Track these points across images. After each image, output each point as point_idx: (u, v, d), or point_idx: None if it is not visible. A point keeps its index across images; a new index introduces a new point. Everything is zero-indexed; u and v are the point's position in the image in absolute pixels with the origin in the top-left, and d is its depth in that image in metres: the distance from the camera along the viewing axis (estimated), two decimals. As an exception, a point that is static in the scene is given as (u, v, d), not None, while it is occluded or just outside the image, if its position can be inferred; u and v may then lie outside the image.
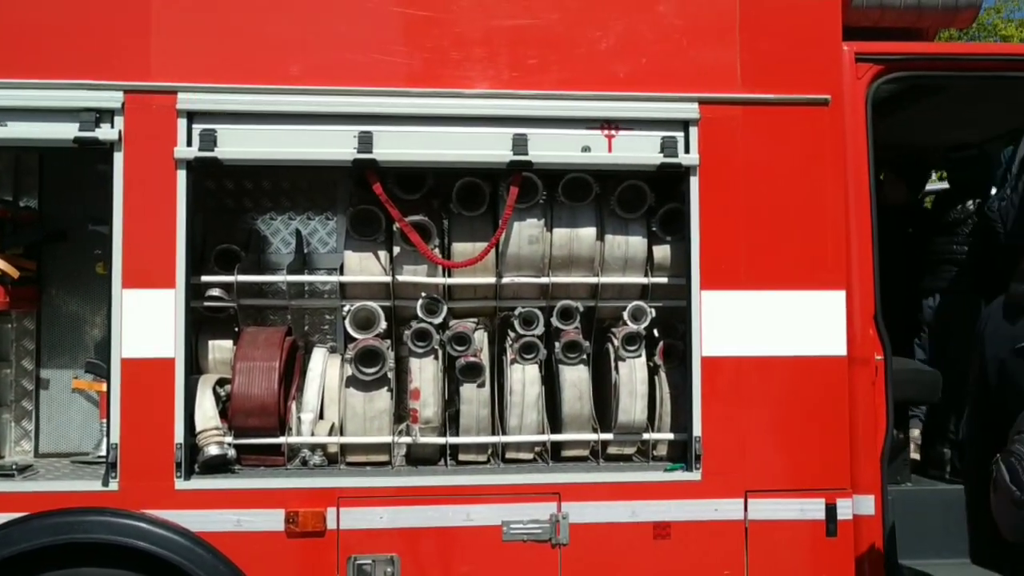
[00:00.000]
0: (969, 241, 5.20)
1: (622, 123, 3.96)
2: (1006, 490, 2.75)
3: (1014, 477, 2.72)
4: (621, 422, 4.06)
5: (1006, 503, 2.76)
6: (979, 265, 5.11)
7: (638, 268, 4.18)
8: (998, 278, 4.79)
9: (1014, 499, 2.72)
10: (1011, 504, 2.75)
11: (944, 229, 5.34)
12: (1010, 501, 2.75)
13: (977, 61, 4.42)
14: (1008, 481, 2.74)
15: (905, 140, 5.89)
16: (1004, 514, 2.81)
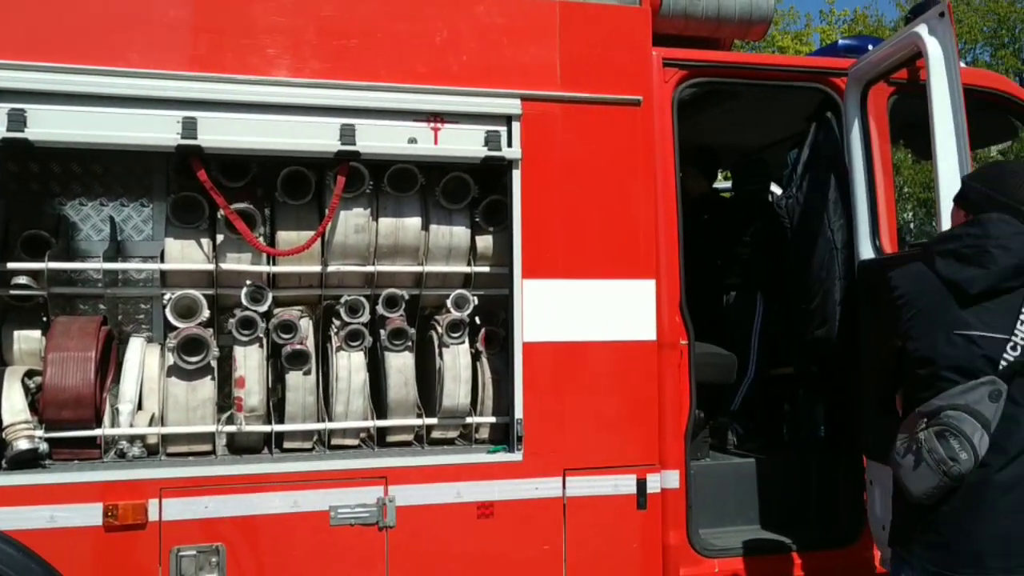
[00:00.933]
0: (753, 243, 5.59)
1: (448, 116, 4.08)
2: (938, 459, 2.85)
3: (949, 451, 2.83)
4: (445, 407, 4.18)
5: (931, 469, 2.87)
6: (763, 265, 5.54)
7: (461, 257, 4.31)
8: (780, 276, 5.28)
9: (948, 470, 2.84)
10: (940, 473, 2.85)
11: (734, 231, 5.74)
12: (942, 471, 2.84)
13: (765, 70, 4.83)
14: (942, 452, 2.84)
15: (706, 139, 6.32)
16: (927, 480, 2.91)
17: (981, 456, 2.81)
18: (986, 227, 2.99)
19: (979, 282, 2.94)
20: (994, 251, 2.92)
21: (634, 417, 4.28)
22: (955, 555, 2.89)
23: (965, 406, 2.84)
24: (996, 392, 2.83)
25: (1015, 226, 2.97)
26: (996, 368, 2.87)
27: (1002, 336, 2.88)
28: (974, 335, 2.92)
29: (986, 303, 2.93)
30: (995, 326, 2.90)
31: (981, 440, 2.80)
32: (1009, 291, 2.91)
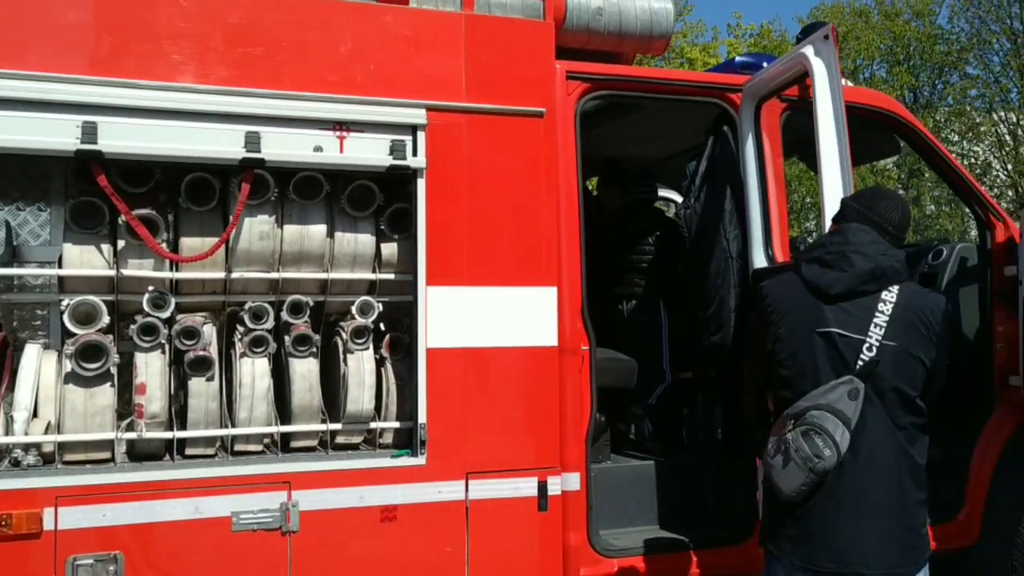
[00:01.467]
0: (653, 250, 5.74)
1: (353, 125, 4.12)
2: (804, 457, 3.00)
3: (814, 448, 3.00)
4: (349, 412, 4.22)
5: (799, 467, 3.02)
6: (662, 271, 5.71)
7: (367, 264, 4.36)
8: (679, 282, 5.46)
9: (813, 467, 2.99)
10: (806, 470, 3.01)
11: (630, 240, 5.86)
12: (808, 468, 3.00)
13: (664, 85, 5.00)
14: (807, 450, 3.00)
15: (615, 150, 6.48)
16: (795, 477, 3.06)
17: (843, 452, 3.00)
18: (846, 235, 3.24)
19: (838, 284, 3.16)
20: (852, 256, 3.16)
21: (535, 421, 4.38)
22: (819, 550, 3.08)
23: (827, 405, 3.04)
24: (854, 391, 3.04)
25: (872, 235, 3.21)
26: (854, 368, 3.07)
27: (859, 337, 3.10)
28: (834, 333, 3.13)
29: (845, 304, 3.15)
30: (853, 327, 3.12)
31: (843, 437, 3.00)
32: (865, 294, 3.14)
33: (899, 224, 3.32)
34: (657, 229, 5.81)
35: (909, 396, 3.09)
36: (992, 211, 5.54)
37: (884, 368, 3.07)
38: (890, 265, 3.16)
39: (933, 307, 3.17)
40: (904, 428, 3.08)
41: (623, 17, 4.96)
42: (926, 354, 3.10)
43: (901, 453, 3.07)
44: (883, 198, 3.40)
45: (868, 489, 3.05)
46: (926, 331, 3.12)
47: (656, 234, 5.80)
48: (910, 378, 3.09)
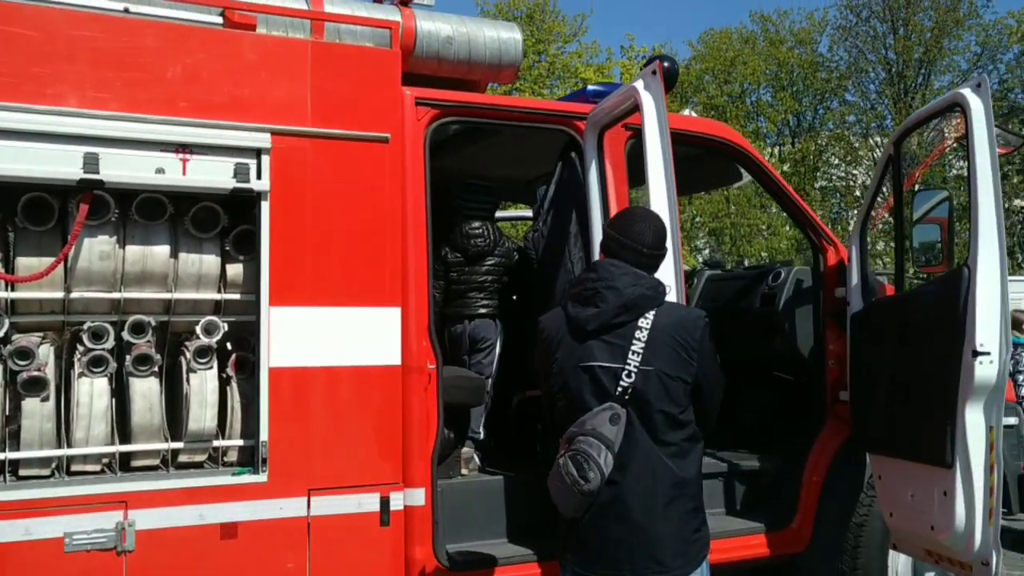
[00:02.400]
0: (496, 270, 5.77)
1: (197, 148, 4.18)
2: (572, 480, 3.26)
3: (581, 470, 3.25)
4: (191, 430, 4.26)
5: (571, 491, 3.29)
6: (504, 291, 5.85)
7: (211, 285, 4.41)
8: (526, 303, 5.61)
9: (580, 489, 3.26)
10: (576, 493, 3.28)
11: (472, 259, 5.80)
12: (576, 491, 3.27)
13: (513, 112, 5.19)
14: (575, 474, 3.26)
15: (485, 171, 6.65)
16: (569, 497, 3.33)
17: (607, 474, 3.25)
18: (598, 271, 3.50)
19: (593, 320, 3.41)
20: (604, 292, 3.41)
21: (379, 438, 4.49)
22: (593, 555, 3.38)
23: (592, 431, 3.29)
24: (615, 416, 3.30)
25: (623, 268, 3.45)
26: (614, 395, 3.33)
27: (618, 366, 3.35)
28: (595, 366, 3.39)
29: (605, 337, 3.39)
30: (613, 357, 3.37)
31: (606, 459, 3.25)
32: (621, 325, 3.38)
33: (653, 244, 3.55)
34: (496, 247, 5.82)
35: (672, 414, 3.36)
36: (824, 236, 5.90)
37: (644, 392, 3.33)
38: (640, 295, 3.40)
39: (689, 325, 3.42)
40: (670, 445, 3.36)
41: (472, 46, 5.15)
42: (686, 372, 3.36)
43: (663, 469, 3.34)
44: (636, 221, 3.61)
45: (634, 504, 3.33)
46: (683, 350, 3.37)
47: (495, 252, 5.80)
48: (672, 398, 3.36)
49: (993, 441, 4.55)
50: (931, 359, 4.76)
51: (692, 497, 3.44)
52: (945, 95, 5.00)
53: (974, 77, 4.74)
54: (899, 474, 5.10)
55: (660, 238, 3.60)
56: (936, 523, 4.75)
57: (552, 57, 32.22)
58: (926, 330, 4.88)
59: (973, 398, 4.53)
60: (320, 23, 4.71)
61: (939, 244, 5.53)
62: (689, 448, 3.43)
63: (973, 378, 4.49)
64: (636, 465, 3.32)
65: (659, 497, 3.35)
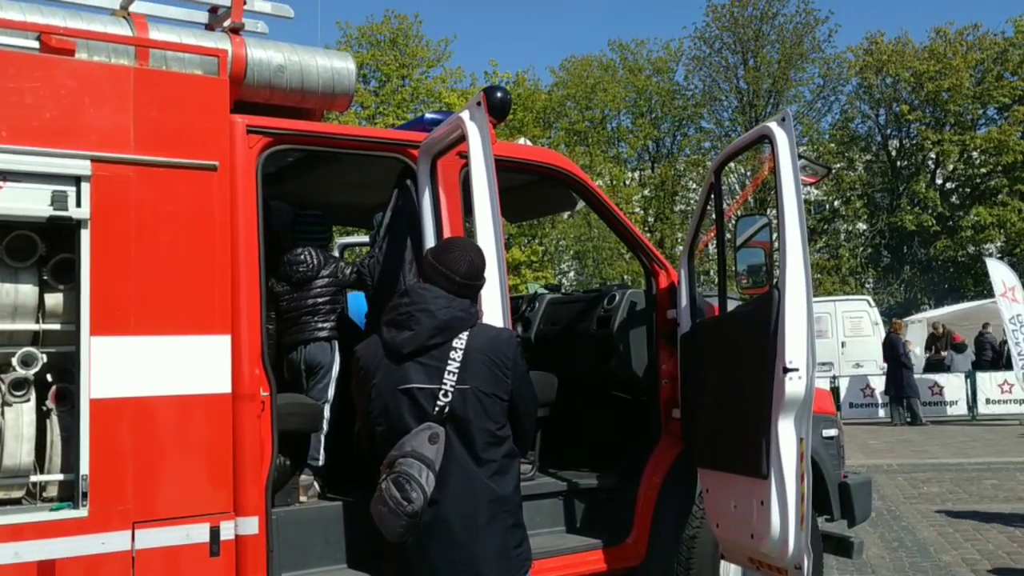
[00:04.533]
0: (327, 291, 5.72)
1: (10, 175, 4.06)
2: (396, 503, 3.30)
3: (403, 492, 3.30)
4: (6, 466, 4.11)
5: (394, 513, 3.33)
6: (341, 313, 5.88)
7: (29, 315, 4.28)
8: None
9: (402, 511, 3.30)
10: (401, 515, 3.31)
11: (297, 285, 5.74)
12: (400, 512, 3.31)
13: (347, 140, 5.25)
14: (399, 496, 3.30)
15: (319, 199, 6.66)
16: (393, 521, 3.36)
17: (430, 493, 3.33)
18: (411, 295, 3.60)
19: (409, 343, 3.50)
20: (418, 315, 3.51)
21: (208, 467, 4.43)
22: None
23: (412, 451, 3.37)
24: (434, 435, 3.38)
25: (436, 291, 3.56)
26: (432, 415, 3.42)
27: (435, 386, 3.44)
28: (412, 388, 3.47)
29: (421, 359, 3.49)
30: (429, 378, 3.45)
31: (428, 479, 3.33)
32: (436, 347, 3.48)
33: (467, 274, 3.65)
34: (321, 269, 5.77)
35: (491, 431, 3.45)
36: (655, 260, 6.15)
37: (461, 410, 3.42)
38: (454, 316, 3.51)
39: (502, 345, 3.54)
40: (488, 462, 3.45)
41: (305, 75, 5.19)
42: (501, 389, 3.47)
43: (483, 487, 3.43)
44: (452, 250, 3.74)
45: (454, 522, 3.41)
46: (498, 368, 3.48)
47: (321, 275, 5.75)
48: (489, 415, 3.45)
49: (803, 452, 4.83)
50: (748, 376, 5.03)
51: (511, 513, 3.52)
52: (755, 128, 5.31)
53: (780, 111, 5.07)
54: (723, 486, 5.35)
55: (476, 269, 3.70)
56: (755, 531, 5.01)
57: (416, 82, 32.40)
58: (743, 348, 5.16)
59: (784, 412, 4.81)
60: (145, 50, 4.67)
61: (764, 267, 5.85)
62: (508, 465, 3.52)
63: (784, 393, 4.78)
64: (455, 483, 3.39)
65: (479, 514, 3.42)
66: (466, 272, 3.64)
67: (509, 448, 3.52)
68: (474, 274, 3.69)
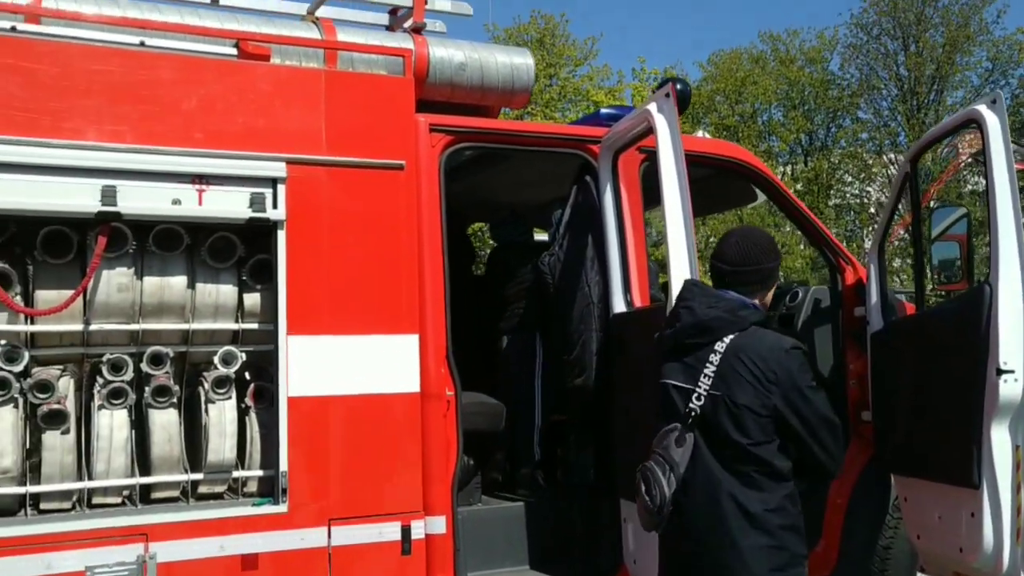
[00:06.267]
0: (528, 288, 5.81)
1: (212, 179, 4.20)
2: (642, 497, 3.34)
3: (647, 488, 3.31)
4: (211, 462, 4.25)
5: (643, 506, 3.36)
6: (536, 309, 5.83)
7: (229, 315, 4.40)
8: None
9: (646, 506, 3.32)
10: (643, 510, 3.35)
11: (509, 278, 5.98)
12: (645, 507, 3.33)
13: (527, 137, 5.20)
14: (643, 491, 3.33)
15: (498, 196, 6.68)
16: (641, 512, 3.41)
17: (669, 493, 3.25)
18: (684, 290, 3.51)
19: (669, 339, 3.43)
20: (681, 311, 3.42)
21: (398, 466, 4.47)
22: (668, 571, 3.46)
23: (660, 451, 3.30)
24: (682, 438, 3.27)
25: (704, 289, 3.46)
26: (683, 415, 3.31)
27: (689, 387, 3.31)
28: (669, 384, 3.38)
29: (684, 357, 3.38)
30: (686, 378, 3.34)
31: (670, 480, 3.25)
32: (697, 347, 3.34)
33: (735, 260, 3.47)
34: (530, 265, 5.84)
35: (739, 443, 3.24)
36: (841, 255, 5.86)
37: (712, 417, 3.27)
38: (716, 316, 3.35)
39: (765, 353, 3.27)
40: (739, 474, 3.25)
41: (485, 72, 5.17)
42: (755, 401, 3.23)
43: (728, 498, 3.24)
44: (725, 239, 3.59)
45: (698, 526, 3.30)
46: (759, 380, 3.23)
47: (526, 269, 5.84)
48: (738, 426, 3.24)
49: (1019, 460, 4.48)
50: (954, 378, 4.70)
51: (765, 533, 3.25)
52: (960, 111, 4.97)
53: (988, 93, 4.75)
54: (925, 495, 5.02)
55: (745, 254, 3.48)
56: (964, 545, 4.67)
57: (563, 81, 32.37)
58: (948, 349, 4.82)
59: (998, 417, 4.46)
60: (333, 52, 4.74)
61: (958, 261, 5.49)
62: (764, 482, 3.27)
63: (998, 397, 4.42)
64: (699, 489, 3.28)
65: (727, 525, 3.25)
66: (733, 258, 3.46)
67: (770, 466, 3.26)
68: (743, 259, 3.46)
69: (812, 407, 3.30)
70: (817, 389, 3.37)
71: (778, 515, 3.27)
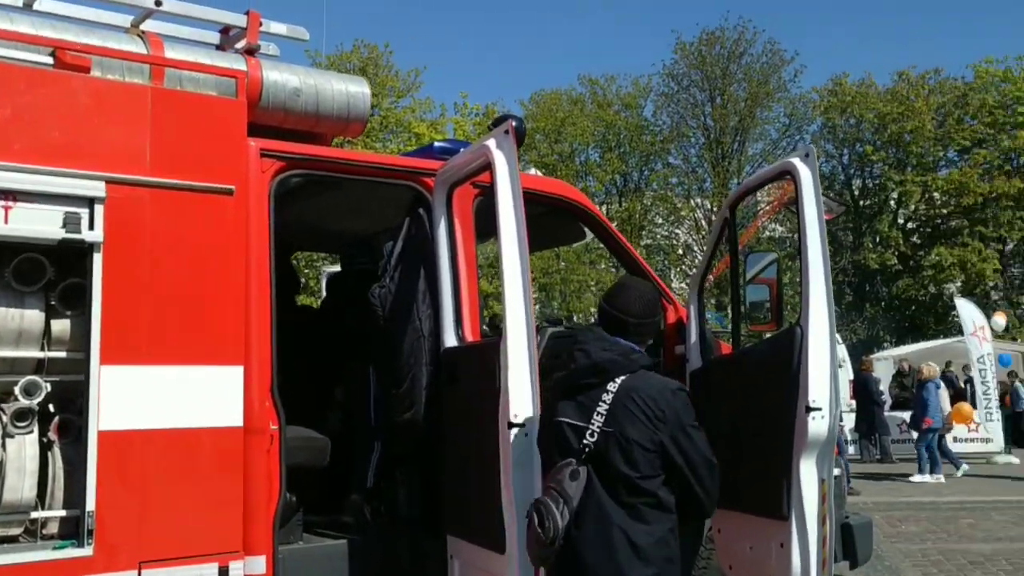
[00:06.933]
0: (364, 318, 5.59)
1: (20, 195, 3.89)
2: (534, 530, 3.47)
3: (541, 521, 3.44)
4: (6, 501, 3.89)
5: (534, 539, 3.49)
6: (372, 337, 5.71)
7: (33, 342, 4.08)
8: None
9: (538, 539, 3.45)
10: (538, 542, 3.46)
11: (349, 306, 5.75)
12: (537, 540, 3.46)
13: (360, 166, 5.12)
14: (536, 524, 3.46)
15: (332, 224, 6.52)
16: (531, 545, 3.54)
17: (562, 526, 3.41)
18: (577, 336, 3.83)
19: (565, 380, 3.68)
20: (576, 354, 3.67)
21: (217, 504, 4.24)
22: None
23: (555, 485, 3.48)
24: (575, 472, 3.47)
25: (598, 333, 3.72)
26: (576, 451, 3.52)
27: (583, 424, 3.53)
28: (564, 422, 3.59)
29: (577, 397, 3.60)
30: (579, 416, 3.55)
31: (563, 513, 3.42)
32: (590, 387, 3.58)
33: (641, 313, 3.76)
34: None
35: (629, 476, 3.47)
36: (663, 295, 6.06)
37: (604, 451, 3.48)
38: (609, 359, 3.60)
39: (654, 394, 3.54)
40: (628, 507, 3.47)
41: (320, 98, 5.06)
42: (644, 437, 3.47)
43: (618, 530, 3.45)
44: (623, 291, 3.86)
45: (588, 558, 3.46)
46: (644, 416, 3.49)
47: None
48: (628, 460, 3.47)
49: (825, 493, 4.74)
50: (767, 415, 4.94)
51: (650, 563, 3.47)
52: (776, 163, 5.27)
53: (802, 147, 5.06)
54: (738, 527, 5.23)
55: (648, 307, 3.81)
56: (774, 574, 4.90)
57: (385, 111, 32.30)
58: (761, 387, 5.07)
59: (807, 452, 4.71)
60: (160, 68, 4.51)
61: (767, 303, 5.79)
62: (650, 515, 3.49)
63: (807, 433, 4.68)
64: (591, 522, 3.45)
65: (615, 558, 3.45)
66: (639, 311, 3.74)
67: (655, 499, 3.50)
68: (647, 312, 3.79)
69: (695, 446, 3.59)
70: (699, 428, 3.65)
71: (662, 548, 3.52)
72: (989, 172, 35.13)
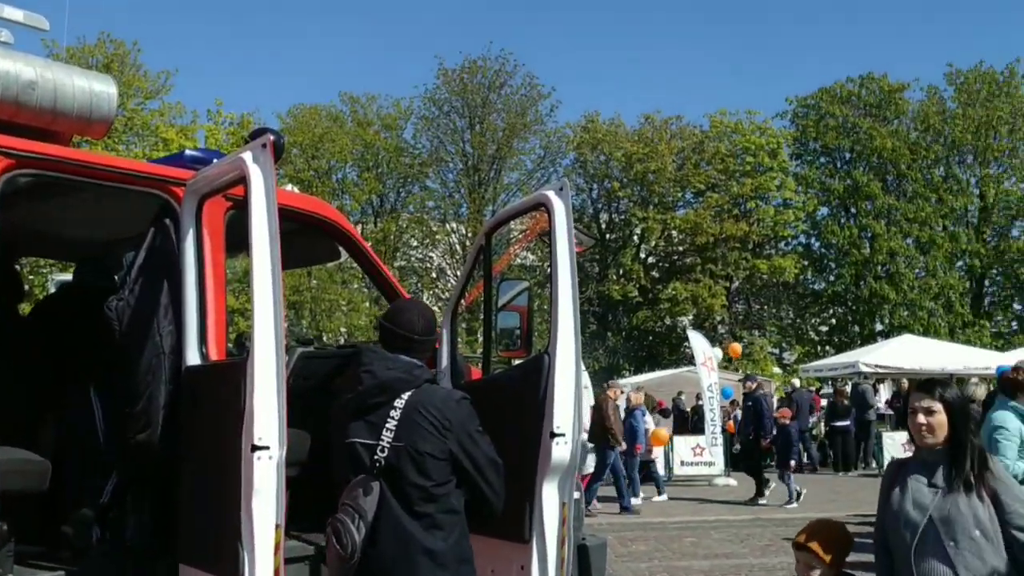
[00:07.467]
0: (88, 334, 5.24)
1: None
2: (333, 547, 3.54)
3: (339, 538, 3.53)
4: None
5: (334, 556, 3.57)
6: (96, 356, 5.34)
7: None
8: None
9: (338, 555, 3.54)
10: (337, 559, 3.55)
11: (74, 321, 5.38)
12: (336, 557, 3.55)
13: (102, 170, 4.79)
14: (335, 542, 3.53)
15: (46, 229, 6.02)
16: (332, 563, 3.63)
17: (359, 541, 3.53)
18: (360, 357, 3.88)
19: (353, 402, 3.76)
20: (362, 375, 3.78)
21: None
22: None
23: (349, 502, 3.60)
24: (369, 488, 3.61)
25: (378, 353, 3.84)
26: (369, 467, 3.66)
27: (373, 442, 3.65)
28: (356, 442, 3.71)
29: (367, 416, 3.73)
30: (369, 434, 3.70)
31: (359, 528, 3.53)
32: (378, 406, 3.70)
33: (423, 331, 3.95)
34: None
35: (423, 487, 3.66)
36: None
37: (396, 465, 3.64)
38: (395, 377, 3.76)
39: (440, 404, 3.77)
40: (422, 516, 3.65)
41: (59, 94, 4.71)
42: (435, 447, 3.67)
43: (413, 540, 3.62)
44: (405, 311, 4.05)
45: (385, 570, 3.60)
46: (433, 427, 3.69)
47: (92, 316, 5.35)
48: (421, 471, 3.65)
49: (565, 516, 4.89)
50: (513, 439, 5.04)
51: (446, 568, 3.69)
52: (532, 195, 5.43)
53: (556, 180, 5.26)
54: (479, 550, 5.28)
55: (430, 325, 4.00)
56: (514, 596, 4.99)
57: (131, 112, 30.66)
58: (509, 412, 5.17)
59: (550, 476, 4.85)
60: None
61: (518, 330, 5.94)
62: (445, 521, 3.71)
63: (551, 458, 4.82)
64: (387, 534, 3.59)
65: (412, 565, 3.61)
66: (422, 329, 3.92)
67: (448, 505, 3.72)
68: (428, 330, 3.97)
69: (480, 449, 3.85)
70: (483, 433, 3.91)
71: (456, 550, 3.75)
72: (720, 215, 38.12)
